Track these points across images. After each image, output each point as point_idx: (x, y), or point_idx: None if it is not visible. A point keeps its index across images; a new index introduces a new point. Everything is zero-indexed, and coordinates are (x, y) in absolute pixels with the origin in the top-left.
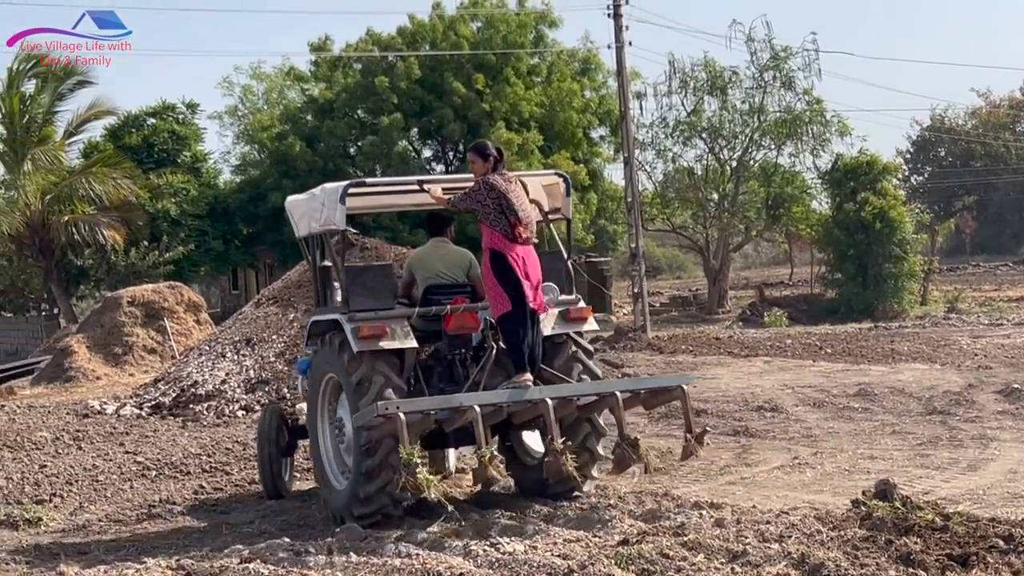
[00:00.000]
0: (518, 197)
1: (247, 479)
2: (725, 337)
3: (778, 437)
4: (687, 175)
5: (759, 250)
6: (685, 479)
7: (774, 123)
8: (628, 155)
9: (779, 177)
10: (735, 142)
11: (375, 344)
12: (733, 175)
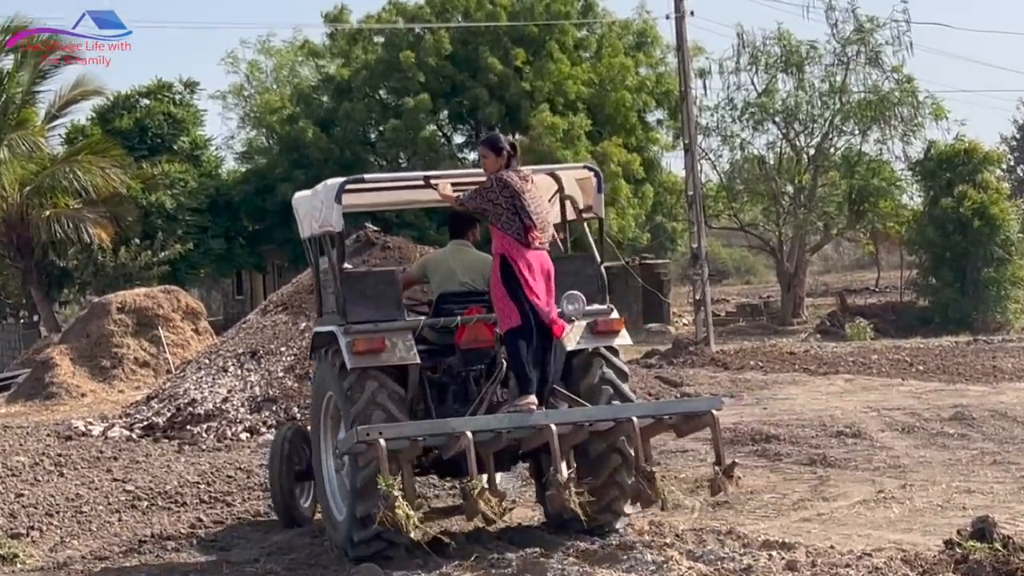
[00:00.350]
0: (534, 197)
1: (251, 511)
2: (800, 351)
3: (860, 467)
4: (757, 165)
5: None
6: (752, 515)
7: (858, 105)
8: (689, 141)
9: (864, 167)
10: (813, 127)
11: (372, 360)
12: (811, 165)
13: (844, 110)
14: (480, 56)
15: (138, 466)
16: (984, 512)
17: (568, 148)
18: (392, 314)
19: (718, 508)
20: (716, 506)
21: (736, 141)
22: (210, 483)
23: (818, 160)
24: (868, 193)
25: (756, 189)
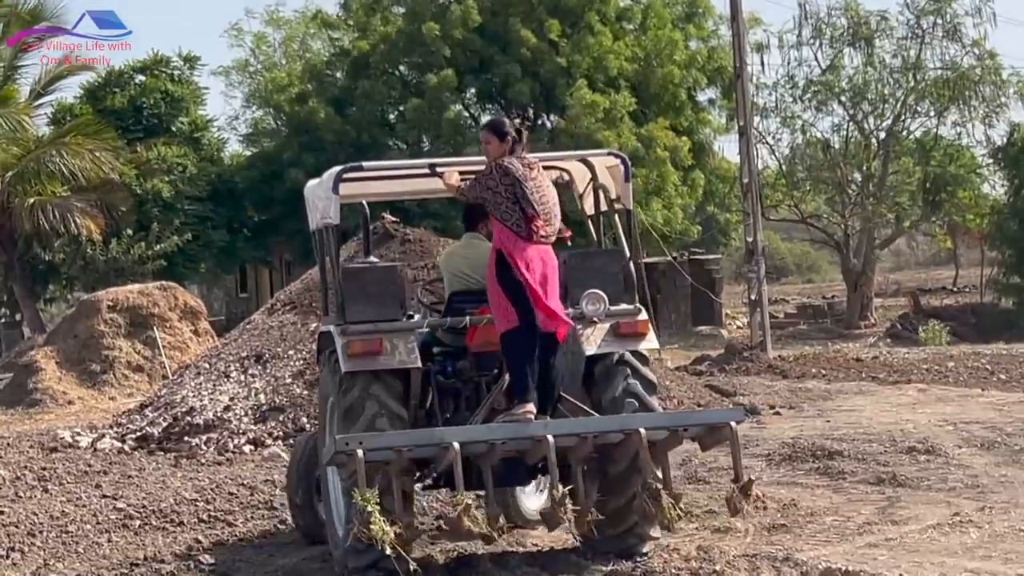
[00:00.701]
0: (538, 186)
1: (255, 532)
2: (868, 358)
3: (934, 487)
4: (821, 149)
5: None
6: (813, 539)
7: (934, 83)
8: (745, 123)
9: (940, 152)
10: (883, 107)
11: (369, 363)
12: (881, 150)
13: (918, 89)
14: (511, 28)
15: (130, 481)
16: None
17: (609, 130)
18: (394, 313)
19: (774, 531)
20: (772, 529)
21: (797, 123)
22: (210, 501)
23: (889, 145)
24: (945, 181)
25: (819, 177)
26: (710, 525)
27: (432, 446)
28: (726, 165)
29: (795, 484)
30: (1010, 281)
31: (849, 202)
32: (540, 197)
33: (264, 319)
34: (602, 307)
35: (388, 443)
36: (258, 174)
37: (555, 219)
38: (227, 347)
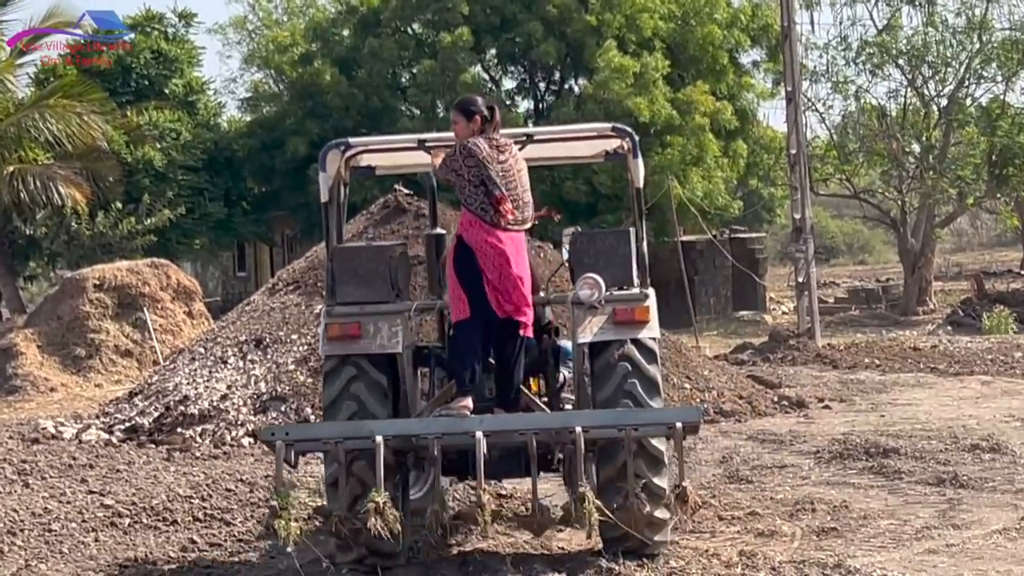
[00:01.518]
0: (508, 168)
1: (254, 531)
2: (927, 347)
3: (999, 488)
4: (876, 118)
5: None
6: (866, 545)
7: (1001, 45)
8: (792, 89)
9: (1008, 121)
10: (945, 72)
11: (348, 347)
12: (942, 118)
13: (984, 51)
14: None
15: (118, 476)
16: None
17: (641, 95)
18: (384, 295)
19: (824, 536)
20: (822, 533)
21: (850, 89)
22: (205, 498)
23: (951, 113)
24: (1013, 153)
25: (874, 148)
26: (753, 528)
27: (362, 438)
28: (771, 134)
29: (846, 484)
30: None
31: (907, 176)
32: (509, 180)
33: (264, 300)
34: (597, 293)
35: (313, 434)
36: (258, 142)
37: (526, 204)
38: (224, 330)
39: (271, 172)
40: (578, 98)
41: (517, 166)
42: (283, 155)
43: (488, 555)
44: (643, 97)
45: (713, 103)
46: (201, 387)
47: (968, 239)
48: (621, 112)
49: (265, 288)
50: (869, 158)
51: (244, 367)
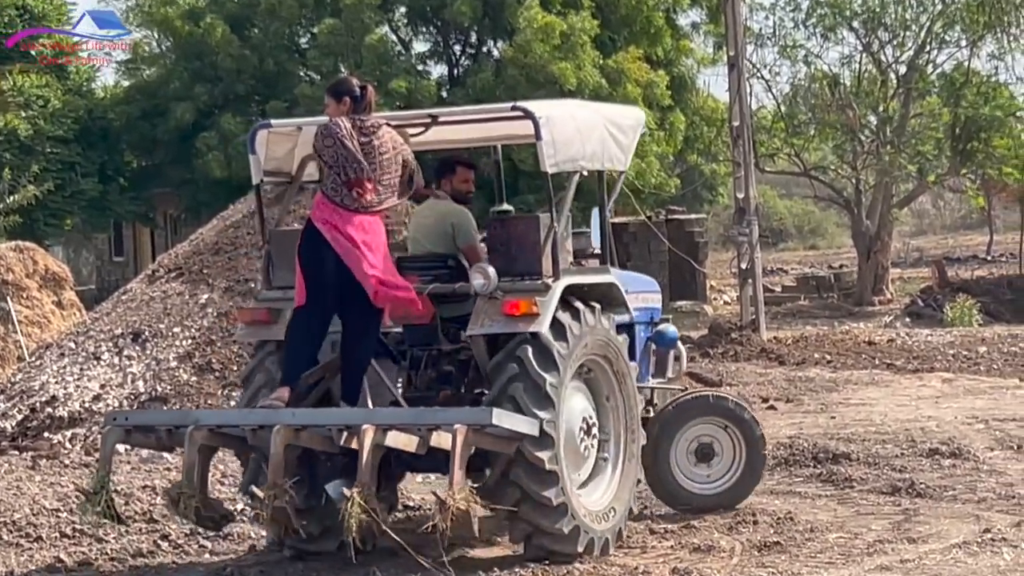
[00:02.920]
0: (370, 150)
1: (130, 549)
2: (883, 341)
3: (960, 498)
4: (828, 86)
5: (941, 206)
6: (813, 560)
7: (966, 6)
8: (735, 54)
9: (972, 91)
10: (904, 35)
11: (259, 333)
12: (900, 87)
13: (947, 13)
14: None
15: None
16: None
17: (567, 60)
18: None
19: (766, 551)
20: (764, 548)
21: (799, 54)
22: (74, 511)
23: (911, 81)
24: (978, 126)
25: (826, 120)
26: (688, 543)
27: (184, 426)
28: (712, 105)
29: (792, 493)
30: None
31: (862, 151)
32: (369, 162)
33: (143, 289)
34: (488, 282)
35: (141, 420)
36: (137, 110)
37: (386, 187)
38: (98, 323)
39: (152, 144)
40: (497, 63)
41: (381, 149)
42: (166, 124)
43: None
44: (569, 62)
45: (647, 70)
46: (71, 386)
47: (930, 221)
48: (544, 78)
49: (144, 275)
50: (820, 131)
51: (120, 364)
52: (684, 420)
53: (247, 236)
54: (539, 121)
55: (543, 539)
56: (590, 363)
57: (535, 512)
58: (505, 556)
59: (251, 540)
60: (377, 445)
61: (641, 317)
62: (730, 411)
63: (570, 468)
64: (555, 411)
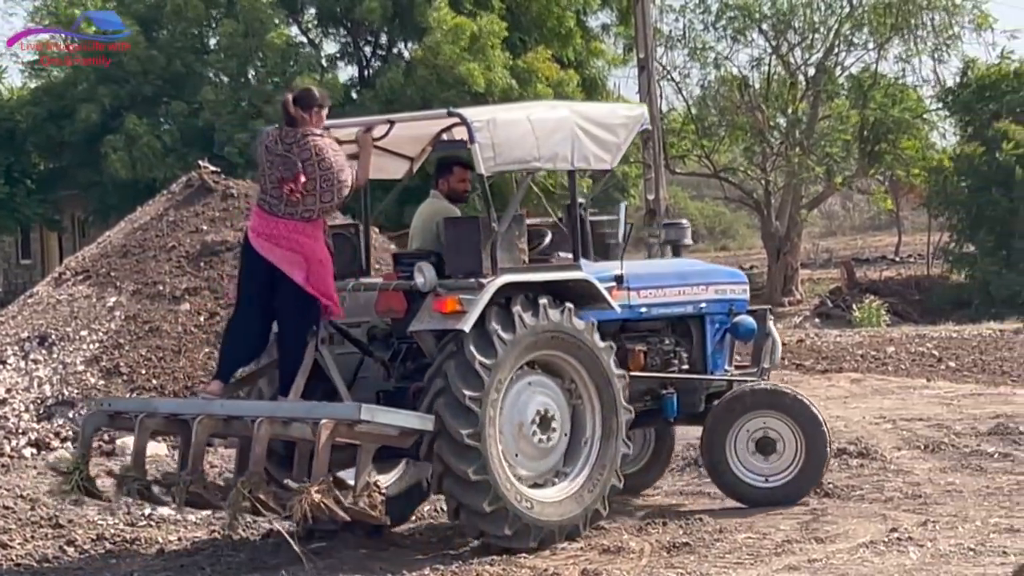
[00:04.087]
0: (291, 158)
1: (36, 555)
2: (792, 341)
3: (868, 497)
4: (738, 88)
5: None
6: (721, 561)
7: (873, 9)
8: (645, 56)
9: (880, 93)
10: (813, 38)
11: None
12: (809, 90)
13: (855, 16)
14: None
15: None
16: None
17: (477, 60)
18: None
19: (675, 552)
20: (673, 549)
21: (709, 56)
22: (49, 492)
23: (819, 83)
24: (886, 128)
25: (736, 122)
26: (598, 544)
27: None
28: None
29: (701, 494)
30: (962, 250)
31: (771, 153)
32: (290, 168)
33: (50, 292)
34: (425, 280)
35: (117, 407)
36: (44, 111)
37: (308, 193)
38: (3, 326)
39: (59, 145)
40: (407, 63)
41: (302, 156)
42: (72, 125)
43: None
44: (479, 62)
45: (557, 71)
46: None
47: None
48: (453, 79)
49: (51, 278)
50: (730, 133)
51: (26, 367)
52: (740, 412)
53: (155, 238)
54: (472, 125)
55: (472, 518)
56: (549, 359)
57: (456, 486)
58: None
59: (159, 545)
60: (271, 436)
61: (714, 308)
62: (790, 405)
63: (523, 458)
64: (483, 390)
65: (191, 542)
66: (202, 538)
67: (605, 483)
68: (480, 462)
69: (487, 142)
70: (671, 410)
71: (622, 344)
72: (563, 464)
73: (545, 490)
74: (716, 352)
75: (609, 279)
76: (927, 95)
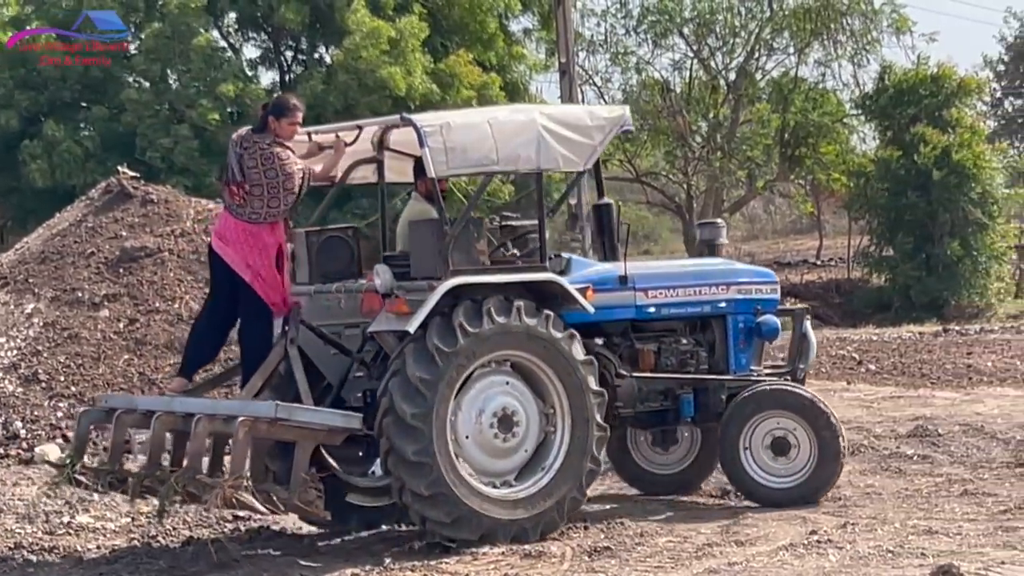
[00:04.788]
0: (243, 161)
1: None
2: None
3: None
4: (660, 93)
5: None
6: (643, 564)
7: (793, 14)
8: (567, 60)
9: (801, 97)
10: (734, 42)
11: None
12: (730, 94)
13: (775, 21)
14: None
15: None
16: (948, 559)
17: (397, 64)
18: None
19: (596, 556)
20: (594, 553)
21: (631, 61)
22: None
23: (741, 87)
24: (806, 132)
25: (658, 126)
26: (519, 549)
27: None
28: None
29: (623, 498)
30: (882, 254)
31: (693, 157)
32: (244, 171)
33: None
34: (380, 282)
35: (111, 404)
36: None
37: (256, 197)
38: None
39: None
40: (328, 69)
41: (249, 163)
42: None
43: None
44: (399, 66)
45: (480, 75)
46: None
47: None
48: (374, 83)
49: None
50: (652, 137)
51: None
52: (754, 412)
53: (74, 245)
54: (422, 130)
55: (413, 500)
56: (511, 359)
57: (398, 465)
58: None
59: (77, 553)
60: (209, 433)
61: (737, 308)
62: (805, 405)
63: (478, 451)
64: (436, 374)
65: (110, 550)
66: (121, 546)
67: (565, 495)
68: (423, 444)
69: (439, 146)
70: (688, 410)
71: (632, 344)
72: (524, 468)
73: (498, 489)
74: (740, 352)
75: (612, 280)
76: (847, 99)
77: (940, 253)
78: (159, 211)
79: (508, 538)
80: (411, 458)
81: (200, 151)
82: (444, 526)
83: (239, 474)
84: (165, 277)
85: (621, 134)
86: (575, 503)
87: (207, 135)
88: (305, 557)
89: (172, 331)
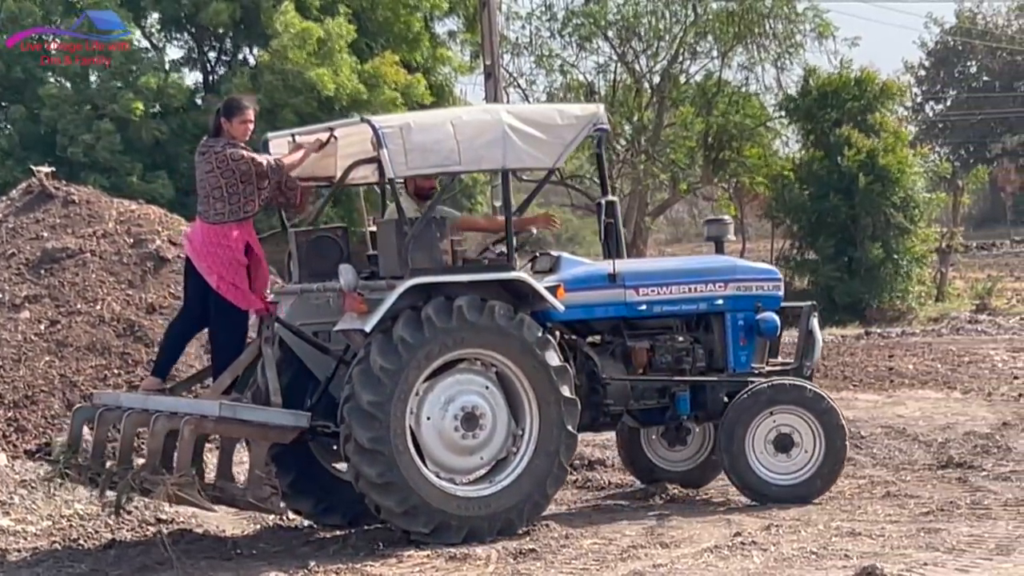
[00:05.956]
0: (206, 162)
1: None
2: None
3: (713, 502)
4: (584, 95)
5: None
6: (567, 566)
7: (717, 17)
8: (492, 62)
9: (724, 101)
10: (658, 45)
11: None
12: (654, 97)
13: (699, 24)
14: None
15: None
16: (872, 561)
17: (324, 66)
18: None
19: (522, 558)
20: (519, 556)
21: (555, 63)
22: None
23: (664, 91)
24: (730, 135)
25: None
26: (444, 552)
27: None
28: None
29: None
30: (803, 257)
31: (616, 160)
32: (208, 176)
33: None
34: (344, 282)
35: (104, 402)
36: None
37: (207, 201)
38: None
39: None
40: (253, 69)
41: (205, 167)
42: None
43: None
44: (326, 68)
45: (405, 76)
46: None
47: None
48: (302, 84)
49: None
50: None
51: None
52: (759, 409)
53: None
54: (381, 131)
55: (369, 489)
56: (478, 357)
57: (353, 451)
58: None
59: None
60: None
61: (736, 305)
62: (808, 400)
63: (438, 444)
64: (399, 365)
65: (31, 552)
66: (43, 548)
67: (527, 498)
68: (378, 432)
69: (397, 147)
70: (684, 408)
71: (624, 342)
72: (485, 467)
73: (456, 485)
74: (740, 349)
75: (600, 277)
76: (770, 103)
77: (862, 256)
78: (81, 212)
79: (461, 535)
80: (366, 445)
81: (123, 147)
82: (396, 516)
83: (184, 471)
84: (87, 279)
85: (594, 132)
86: (537, 507)
87: (130, 130)
88: (229, 560)
89: (94, 333)
